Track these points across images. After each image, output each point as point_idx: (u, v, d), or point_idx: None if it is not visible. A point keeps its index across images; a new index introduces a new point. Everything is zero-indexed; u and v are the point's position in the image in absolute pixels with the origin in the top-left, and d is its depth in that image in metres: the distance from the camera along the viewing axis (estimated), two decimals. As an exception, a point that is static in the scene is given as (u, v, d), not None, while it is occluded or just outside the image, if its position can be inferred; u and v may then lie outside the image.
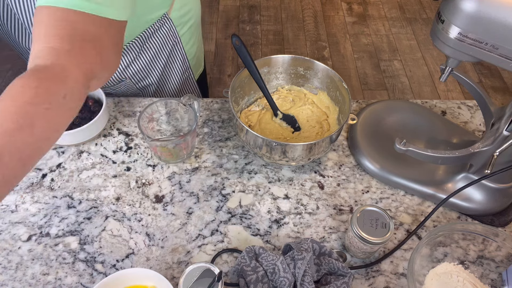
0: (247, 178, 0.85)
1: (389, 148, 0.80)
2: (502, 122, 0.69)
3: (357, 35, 2.60)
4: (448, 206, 0.81)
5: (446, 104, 1.00)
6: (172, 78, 1.06)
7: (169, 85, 1.07)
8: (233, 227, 0.78)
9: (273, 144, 0.77)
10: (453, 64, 0.68)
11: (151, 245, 0.75)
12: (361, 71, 2.39)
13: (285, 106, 0.93)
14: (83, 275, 0.72)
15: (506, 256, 0.70)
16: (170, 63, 1.02)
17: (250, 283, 0.67)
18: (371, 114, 0.93)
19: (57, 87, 0.51)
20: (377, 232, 0.68)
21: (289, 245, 0.71)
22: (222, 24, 2.64)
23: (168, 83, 1.07)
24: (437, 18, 0.62)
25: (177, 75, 1.06)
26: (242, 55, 0.83)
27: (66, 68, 0.53)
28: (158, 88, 1.06)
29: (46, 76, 0.51)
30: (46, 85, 0.51)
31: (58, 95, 0.51)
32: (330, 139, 0.80)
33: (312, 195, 0.83)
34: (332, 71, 0.87)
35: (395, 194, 0.84)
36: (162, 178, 0.85)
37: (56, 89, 0.51)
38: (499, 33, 0.57)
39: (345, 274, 0.68)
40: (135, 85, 0.99)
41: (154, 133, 0.87)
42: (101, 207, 0.80)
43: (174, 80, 1.07)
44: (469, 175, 0.78)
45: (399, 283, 0.72)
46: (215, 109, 0.97)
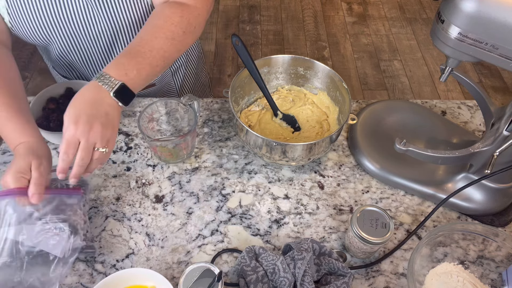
0: (247, 178, 0.85)
1: (389, 148, 0.80)
2: (502, 122, 0.69)
3: (357, 35, 2.60)
4: (448, 206, 0.81)
5: (446, 104, 1.00)
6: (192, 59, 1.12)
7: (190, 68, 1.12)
8: (233, 227, 0.78)
9: (273, 144, 0.77)
10: (453, 64, 0.68)
11: (151, 245, 0.75)
12: (361, 71, 2.39)
13: (285, 106, 0.93)
14: (83, 275, 0.72)
15: (506, 256, 0.70)
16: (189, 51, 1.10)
17: (250, 283, 0.67)
18: (371, 114, 0.93)
19: (193, 20, 0.78)
20: (377, 232, 0.68)
21: (289, 245, 0.71)
22: (222, 24, 2.64)
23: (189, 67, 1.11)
24: (437, 18, 0.62)
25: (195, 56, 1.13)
26: (242, 55, 0.83)
27: (199, 8, 0.79)
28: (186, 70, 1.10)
29: (188, 11, 0.77)
30: (187, 17, 0.77)
31: (192, 25, 0.78)
32: (330, 139, 0.80)
33: (312, 195, 0.83)
34: (332, 71, 0.87)
35: (395, 194, 0.84)
36: (162, 178, 0.85)
37: (192, 21, 0.77)
38: (499, 33, 0.57)
39: (345, 274, 0.68)
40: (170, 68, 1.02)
41: (154, 133, 0.87)
42: (101, 207, 0.80)
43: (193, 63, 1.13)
44: (469, 175, 0.78)
45: (399, 283, 0.72)
46: (215, 109, 0.97)
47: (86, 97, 0.65)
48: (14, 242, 0.65)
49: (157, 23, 0.75)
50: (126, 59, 0.69)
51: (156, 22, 0.75)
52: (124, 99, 0.67)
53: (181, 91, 1.11)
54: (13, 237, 0.65)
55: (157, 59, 0.72)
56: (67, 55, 0.91)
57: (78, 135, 0.62)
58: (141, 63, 0.70)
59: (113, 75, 0.66)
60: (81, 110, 0.63)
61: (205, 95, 1.27)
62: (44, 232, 0.66)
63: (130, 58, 0.69)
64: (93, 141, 0.63)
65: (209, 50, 2.48)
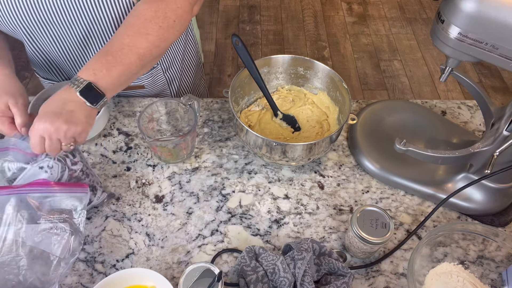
0: (247, 178, 0.85)
1: (389, 148, 0.80)
2: (502, 122, 0.69)
3: (357, 35, 2.60)
4: (448, 206, 0.81)
5: (446, 104, 1.00)
6: (189, 70, 1.11)
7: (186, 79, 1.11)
8: (233, 227, 0.78)
9: (273, 144, 0.77)
10: (453, 64, 0.68)
11: (151, 245, 0.75)
12: (361, 71, 2.39)
13: (285, 106, 0.93)
14: (83, 275, 0.72)
15: (506, 256, 0.70)
16: (187, 52, 1.08)
17: (250, 283, 0.67)
18: (371, 114, 0.93)
19: (170, 14, 0.74)
20: (377, 232, 0.68)
21: (289, 245, 0.71)
22: (222, 24, 2.64)
23: (186, 78, 1.11)
24: (437, 18, 0.62)
25: (192, 67, 1.13)
26: (242, 55, 0.83)
27: (177, 1, 0.75)
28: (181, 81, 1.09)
29: (164, 4, 0.74)
30: (163, 11, 0.73)
31: (170, 19, 0.74)
32: (330, 139, 0.80)
33: (312, 195, 0.83)
34: (332, 71, 0.87)
35: (395, 194, 0.84)
36: (162, 178, 0.85)
37: (169, 14, 0.74)
38: (499, 33, 0.57)
39: (345, 274, 0.68)
40: (164, 74, 1.01)
41: (154, 133, 0.87)
42: (101, 207, 0.80)
43: (190, 74, 1.12)
44: (469, 175, 0.78)
45: (399, 283, 0.72)
46: (215, 109, 0.97)
47: (56, 97, 0.68)
48: (14, 241, 0.65)
49: (129, 20, 0.74)
50: (95, 60, 0.69)
51: (128, 19, 0.74)
52: (91, 99, 0.67)
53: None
54: (13, 237, 0.65)
55: (130, 57, 0.70)
56: (41, 48, 0.88)
57: (41, 131, 0.65)
58: (111, 62, 0.69)
59: (82, 76, 0.67)
60: (48, 108, 0.66)
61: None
62: (44, 232, 0.66)
63: (99, 58, 0.69)
64: (56, 138, 0.66)
65: (209, 50, 2.48)
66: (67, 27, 0.82)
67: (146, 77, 0.98)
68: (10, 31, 0.82)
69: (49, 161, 0.69)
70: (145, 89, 1.01)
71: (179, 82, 1.08)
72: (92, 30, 0.83)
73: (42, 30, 0.82)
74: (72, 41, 0.85)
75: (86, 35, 0.84)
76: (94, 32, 0.83)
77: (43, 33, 0.83)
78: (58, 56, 0.90)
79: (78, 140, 0.68)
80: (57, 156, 0.70)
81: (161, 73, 1.00)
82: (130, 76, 0.72)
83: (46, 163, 0.69)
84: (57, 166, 0.70)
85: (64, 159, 0.71)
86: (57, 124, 0.64)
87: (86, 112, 0.68)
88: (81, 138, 0.68)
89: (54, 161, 0.69)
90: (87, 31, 0.83)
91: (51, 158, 0.69)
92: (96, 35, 0.84)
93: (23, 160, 0.69)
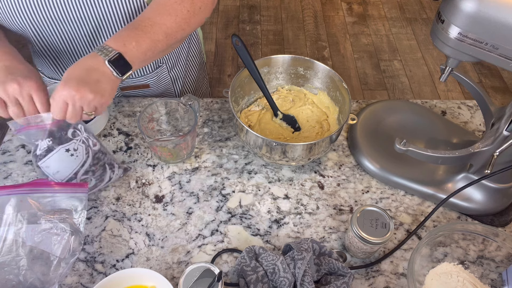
0: (247, 178, 0.85)
1: (389, 148, 0.80)
2: (502, 122, 0.69)
3: (357, 35, 2.60)
4: (448, 206, 0.81)
5: (446, 104, 1.00)
6: (192, 69, 1.12)
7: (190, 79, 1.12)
8: (233, 227, 0.78)
9: (273, 144, 0.77)
10: (453, 64, 0.68)
11: (151, 245, 0.75)
12: (361, 71, 2.39)
13: (285, 106, 0.93)
14: (83, 275, 0.72)
15: (506, 256, 0.70)
16: (191, 51, 1.09)
17: (250, 283, 0.67)
18: (371, 114, 0.93)
19: (197, 1, 0.77)
20: (377, 232, 0.68)
21: (289, 245, 0.71)
22: (222, 24, 2.64)
23: (189, 77, 1.11)
24: (437, 18, 0.62)
25: (196, 66, 1.13)
26: (242, 55, 0.83)
27: None
28: (185, 80, 1.09)
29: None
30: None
31: (196, 5, 0.78)
32: (330, 139, 0.80)
33: (312, 195, 0.83)
34: (332, 71, 0.87)
35: (395, 194, 0.84)
36: (162, 178, 0.85)
37: (196, 1, 0.77)
38: (499, 33, 0.57)
39: (345, 274, 0.68)
40: (169, 73, 1.02)
41: (154, 133, 0.87)
42: (101, 207, 0.80)
43: (194, 73, 1.13)
44: (469, 175, 0.78)
45: (399, 283, 0.72)
46: (215, 109, 0.97)
47: (81, 63, 0.67)
48: (14, 241, 0.65)
49: (160, 1, 0.76)
50: (126, 32, 0.71)
51: (160, 0, 0.77)
52: (119, 69, 0.68)
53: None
54: (13, 237, 0.65)
55: (158, 34, 0.73)
56: (49, 46, 0.88)
57: (65, 97, 0.64)
58: (141, 36, 0.71)
59: (111, 46, 0.68)
60: (73, 74, 0.66)
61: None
62: (44, 232, 0.66)
63: (130, 30, 0.71)
64: (80, 105, 0.65)
65: (209, 50, 2.48)
66: (76, 24, 0.82)
67: (152, 76, 0.98)
68: (18, 29, 0.83)
69: (75, 143, 0.71)
70: (150, 88, 1.02)
71: (183, 81, 1.09)
72: (102, 27, 0.83)
73: (51, 27, 0.82)
74: (81, 38, 0.86)
75: (95, 32, 0.85)
76: (103, 29, 0.84)
77: (52, 30, 0.83)
78: (66, 54, 0.90)
79: (99, 110, 0.68)
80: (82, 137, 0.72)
81: (166, 72, 1.01)
82: (156, 53, 0.74)
83: (72, 145, 0.71)
84: (82, 148, 0.72)
85: (87, 140, 0.73)
86: (83, 92, 0.64)
87: (111, 82, 0.68)
88: (102, 109, 0.69)
89: (79, 143, 0.71)
90: (96, 28, 0.83)
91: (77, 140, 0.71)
92: (105, 32, 0.85)
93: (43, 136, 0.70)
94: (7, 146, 0.88)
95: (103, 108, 0.69)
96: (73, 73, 0.66)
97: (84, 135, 0.74)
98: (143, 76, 0.97)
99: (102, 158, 0.77)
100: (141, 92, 1.02)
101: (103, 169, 0.77)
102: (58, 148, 0.71)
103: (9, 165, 0.85)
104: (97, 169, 0.76)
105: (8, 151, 0.88)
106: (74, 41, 0.86)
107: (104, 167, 0.78)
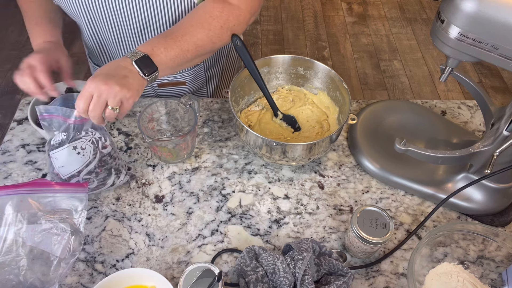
0: (247, 178, 0.85)
1: (389, 148, 0.80)
2: (502, 122, 0.69)
3: (357, 35, 2.60)
4: (448, 206, 0.81)
5: (446, 104, 1.00)
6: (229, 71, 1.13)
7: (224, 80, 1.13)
8: (233, 227, 0.78)
9: (273, 144, 0.77)
10: (453, 64, 0.68)
11: (151, 245, 0.75)
12: (361, 71, 2.39)
13: (285, 106, 0.93)
14: (83, 275, 0.72)
15: (506, 256, 0.70)
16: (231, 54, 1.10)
17: (250, 283, 0.67)
18: (371, 114, 0.93)
19: (232, 18, 0.80)
20: (377, 232, 0.68)
21: (289, 245, 0.71)
22: (222, 24, 2.64)
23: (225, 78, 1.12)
24: (437, 18, 0.62)
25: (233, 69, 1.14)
26: (242, 55, 0.83)
27: (241, 8, 0.80)
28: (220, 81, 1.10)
29: (229, 8, 0.79)
30: (227, 13, 0.79)
31: (231, 23, 0.80)
32: (330, 139, 0.80)
33: (312, 195, 0.83)
34: (332, 71, 0.87)
35: (395, 194, 0.84)
36: (162, 178, 0.85)
37: (232, 19, 0.80)
38: (499, 33, 0.57)
39: (345, 274, 0.68)
40: (205, 72, 1.03)
41: (154, 133, 0.87)
42: (101, 207, 0.80)
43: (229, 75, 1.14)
44: (469, 175, 0.78)
45: (399, 283, 0.72)
46: (215, 109, 0.97)
47: (111, 63, 0.70)
48: (15, 241, 0.65)
49: (196, 13, 0.79)
50: (156, 39, 0.74)
51: (196, 12, 0.79)
52: (145, 69, 0.70)
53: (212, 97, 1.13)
54: (14, 237, 0.65)
55: (188, 44, 0.75)
56: (98, 34, 0.91)
57: (92, 88, 0.65)
58: (170, 44, 0.74)
59: (140, 50, 0.71)
60: (102, 70, 0.68)
61: None
62: (45, 232, 0.66)
63: (161, 38, 0.74)
64: (105, 97, 0.66)
65: (209, 50, 2.47)
66: (127, 17, 0.84)
67: (190, 73, 1.00)
68: (72, 13, 0.86)
69: (83, 142, 0.71)
70: (186, 86, 1.03)
71: (218, 82, 1.09)
72: (150, 23, 0.85)
73: (102, 16, 0.85)
74: (129, 31, 0.88)
75: (143, 27, 0.86)
76: (151, 25, 0.86)
77: (103, 19, 0.85)
78: (113, 44, 0.93)
79: (125, 105, 0.68)
80: (93, 138, 0.72)
81: (203, 71, 1.02)
82: (184, 61, 0.76)
83: (80, 143, 0.71)
84: (89, 148, 0.72)
85: (97, 141, 0.73)
86: (110, 84, 0.65)
87: (138, 80, 0.69)
88: (128, 104, 0.69)
89: (88, 142, 0.71)
90: (145, 23, 0.85)
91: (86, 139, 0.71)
92: (153, 29, 0.87)
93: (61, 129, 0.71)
94: (7, 146, 0.88)
95: (129, 104, 0.69)
96: (102, 70, 0.68)
97: (96, 136, 0.74)
98: (181, 73, 0.99)
99: (110, 162, 0.77)
100: (177, 89, 1.03)
101: (108, 173, 0.77)
102: (67, 144, 0.71)
103: (9, 165, 0.85)
104: (102, 171, 0.76)
105: (8, 151, 0.88)
106: (122, 32, 0.89)
107: (110, 171, 0.77)
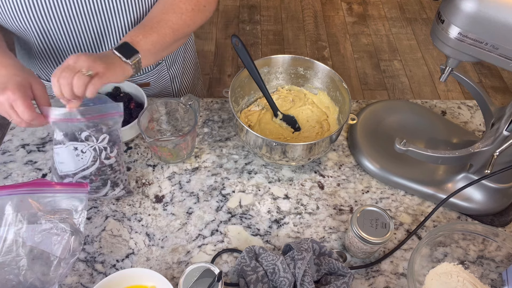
0: (247, 178, 0.85)
1: (389, 148, 0.80)
2: (502, 122, 0.69)
3: (357, 35, 2.60)
4: (448, 206, 0.81)
5: (446, 104, 1.00)
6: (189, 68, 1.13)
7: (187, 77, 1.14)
8: (233, 227, 0.78)
9: (273, 144, 0.77)
10: (453, 64, 0.68)
11: (151, 245, 0.75)
12: (361, 71, 2.39)
13: (285, 106, 0.93)
14: (83, 275, 0.72)
15: (506, 256, 0.70)
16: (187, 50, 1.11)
17: (250, 283, 0.67)
18: (371, 114, 0.93)
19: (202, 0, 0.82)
20: (377, 232, 0.68)
21: (289, 245, 0.71)
22: (222, 24, 2.64)
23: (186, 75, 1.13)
24: (437, 18, 0.62)
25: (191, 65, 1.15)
26: (242, 56, 0.83)
27: None
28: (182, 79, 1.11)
29: None
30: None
31: (201, 4, 0.82)
32: (330, 139, 0.80)
33: (312, 195, 0.83)
34: (332, 71, 0.87)
35: (395, 194, 0.84)
36: (162, 178, 0.85)
37: (201, 0, 0.82)
38: (499, 33, 0.57)
39: (345, 274, 0.68)
40: (168, 70, 1.04)
41: (154, 133, 0.87)
42: (101, 207, 0.80)
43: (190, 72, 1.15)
44: (469, 175, 0.78)
45: (399, 283, 0.72)
46: (215, 109, 0.97)
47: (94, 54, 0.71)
48: (15, 241, 0.65)
49: (164, 1, 0.81)
50: (132, 30, 0.76)
51: (163, 0, 0.81)
52: (125, 53, 0.71)
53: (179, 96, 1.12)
54: (14, 237, 0.65)
55: (164, 28, 0.77)
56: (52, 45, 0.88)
57: (69, 61, 0.66)
58: (148, 31, 0.76)
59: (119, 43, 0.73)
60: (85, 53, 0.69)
61: None
62: (45, 232, 0.66)
63: (136, 28, 0.76)
64: (80, 65, 0.66)
65: (209, 50, 2.48)
66: (83, 23, 0.83)
67: (153, 73, 1.00)
68: (21, 29, 0.82)
69: (84, 147, 0.72)
70: (150, 87, 1.03)
71: (181, 80, 1.10)
72: (108, 28, 0.85)
73: (58, 25, 0.83)
74: (87, 38, 0.87)
75: (101, 33, 0.86)
76: (109, 30, 0.86)
77: (59, 28, 0.84)
78: (70, 53, 0.91)
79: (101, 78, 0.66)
80: (96, 145, 0.72)
81: (166, 69, 1.02)
82: (164, 46, 0.78)
83: (81, 147, 0.71)
84: (89, 154, 0.72)
85: (100, 150, 0.73)
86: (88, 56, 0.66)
87: (120, 63, 0.71)
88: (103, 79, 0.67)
89: (90, 148, 0.72)
90: (102, 28, 0.85)
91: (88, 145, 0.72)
92: (111, 34, 0.86)
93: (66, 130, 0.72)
94: (7, 146, 0.88)
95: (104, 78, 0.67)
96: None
97: (99, 145, 0.73)
98: (145, 74, 0.99)
99: (108, 174, 0.75)
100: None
101: (103, 183, 0.75)
102: (69, 142, 0.72)
103: (9, 165, 0.85)
104: (97, 180, 0.75)
105: (8, 151, 0.88)
106: (80, 40, 0.87)
107: (106, 182, 0.75)
